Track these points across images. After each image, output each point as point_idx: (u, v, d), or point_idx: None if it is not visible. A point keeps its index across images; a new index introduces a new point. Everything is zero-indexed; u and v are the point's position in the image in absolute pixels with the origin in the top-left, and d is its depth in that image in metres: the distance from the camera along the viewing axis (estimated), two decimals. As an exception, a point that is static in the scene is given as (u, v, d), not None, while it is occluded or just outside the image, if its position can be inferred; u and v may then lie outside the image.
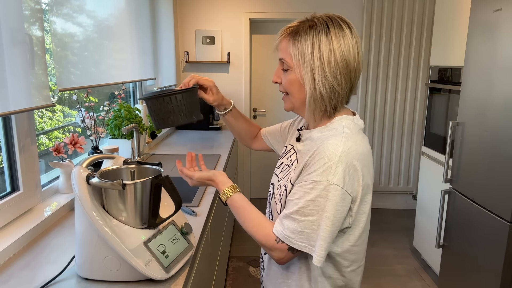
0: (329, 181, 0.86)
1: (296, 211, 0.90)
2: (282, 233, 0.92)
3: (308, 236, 0.89)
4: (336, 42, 0.90)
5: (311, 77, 0.91)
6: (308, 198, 0.88)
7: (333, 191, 0.86)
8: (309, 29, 0.92)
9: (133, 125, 1.88)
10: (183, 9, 3.78)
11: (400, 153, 4.06)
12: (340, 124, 0.95)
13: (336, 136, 0.92)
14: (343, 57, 0.90)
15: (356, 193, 0.90)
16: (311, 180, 0.89)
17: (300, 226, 0.89)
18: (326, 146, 0.89)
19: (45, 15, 1.47)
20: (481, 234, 2.01)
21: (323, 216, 0.87)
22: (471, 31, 2.14)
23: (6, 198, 1.31)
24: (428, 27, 3.74)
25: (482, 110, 2.02)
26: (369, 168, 0.95)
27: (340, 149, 0.88)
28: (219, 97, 1.19)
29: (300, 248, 0.90)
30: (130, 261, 0.96)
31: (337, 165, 0.87)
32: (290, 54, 0.94)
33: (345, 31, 0.92)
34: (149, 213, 1.04)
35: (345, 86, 0.93)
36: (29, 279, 1.04)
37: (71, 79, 1.63)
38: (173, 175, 2.06)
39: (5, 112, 1.15)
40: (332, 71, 0.90)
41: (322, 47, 0.90)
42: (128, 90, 2.86)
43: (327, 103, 0.94)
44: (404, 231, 3.60)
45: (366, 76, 3.89)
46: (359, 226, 0.96)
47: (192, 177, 1.09)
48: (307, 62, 0.91)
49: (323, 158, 0.88)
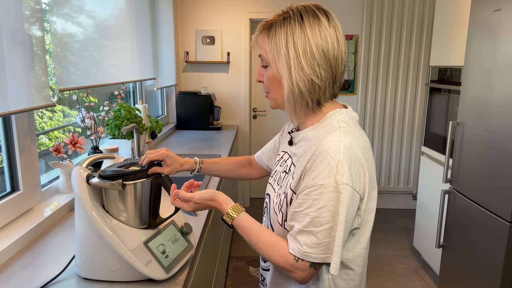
0: (338, 181, 0.80)
1: (310, 222, 0.82)
2: (300, 251, 0.83)
3: (328, 245, 0.82)
4: (311, 31, 0.85)
5: (288, 70, 0.86)
6: (318, 205, 0.81)
7: (343, 192, 0.80)
8: (283, 21, 0.87)
9: (133, 125, 1.88)
10: (183, 9, 3.78)
11: (400, 153, 4.06)
12: (334, 119, 0.90)
13: (333, 132, 0.86)
14: (319, 47, 0.85)
15: (363, 189, 0.85)
16: (318, 184, 0.81)
17: (318, 238, 0.82)
18: (327, 144, 0.83)
19: (45, 15, 1.47)
20: (481, 234, 2.01)
21: (337, 220, 0.81)
22: (471, 31, 2.14)
23: (6, 198, 1.31)
24: (428, 27, 3.74)
25: (482, 110, 2.02)
26: (372, 161, 0.89)
27: (342, 145, 0.82)
28: (175, 166, 1.14)
29: (323, 260, 0.83)
30: (130, 261, 0.96)
31: (342, 162, 0.81)
32: (266, 50, 0.90)
33: (321, 19, 0.86)
34: (149, 213, 1.04)
35: (326, 78, 0.87)
36: (29, 279, 1.04)
37: (71, 79, 1.63)
38: (173, 175, 2.06)
39: (5, 112, 1.15)
40: (308, 63, 0.85)
41: (296, 38, 0.85)
42: (128, 90, 2.86)
43: (307, 97, 0.88)
44: (404, 231, 3.60)
45: (366, 76, 3.89)
46: (368, 225, 0.90)
47: (192, 198, 0.97)
48: (282, 55, 0.86)
49: (326, 158, 0.82)
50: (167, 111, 3.74)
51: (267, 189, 1.06)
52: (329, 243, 0.82)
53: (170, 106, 3.75)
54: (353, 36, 3.83)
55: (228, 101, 3.96)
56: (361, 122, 3.98)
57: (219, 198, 0.96)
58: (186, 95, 3.53)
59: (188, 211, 0.99)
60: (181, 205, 0.99)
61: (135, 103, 2.93)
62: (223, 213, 0.95)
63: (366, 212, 0.88)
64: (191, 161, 1.22)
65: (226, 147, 2.82)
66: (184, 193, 0.98)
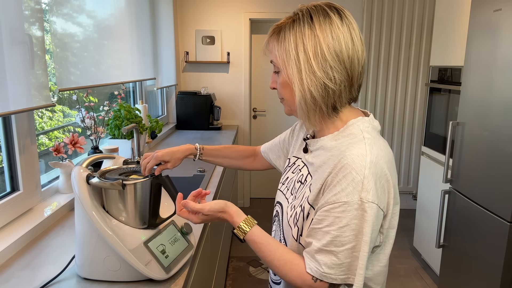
0: (363, 199, 0.75)
1: (330, 242, 0.77)
2: (319, 271, 0.78)
3: (350, 266, 0.77)
4: (321, 32, 0.79)
5: (298, 75, 0.81)
6: (341, 224, 0.76)
7: (369, 210, 0.75)
8: (292, 24, 0.82)
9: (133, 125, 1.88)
10: (183, 9, 3.78)
11: (400, 153, 4.06)
12: (357, 128, 0.83)
13: (357, 144, 0.80)
14: (331, 48, 0.79)
15: (387, 206, 0.80)
16: (341, 201, 0.76)
17: (338, 259, 0.77)
18: (351, 157, 0.77)
19: (45, 15, 1.47)
20: (481, 234, 2.01)
21: (362, 240, 0.75)
22: (471, 31, 2.14)
23: (6, 198, 1.31)
24: (428, 27, 3.74)
25: (482, 110, 2.02)
26: (396, 175, 0.83)
27: (368, 160, 0.76)
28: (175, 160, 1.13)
29: (343, 281, 0.78)
30: (130, 261, 0.96)
31: (368, 178, 0.75)
32: (276, 55, 0.85)
33: (332, 18, 0.81)
34: (149, 213, 1.04)
35: (340, 81, 0.81)
36: (29, 279, 1.04)
37: (71, 79, 1.63)
38: (173, 175, 2.06)
39: (5, 112, 1.15)
40: (320, 65, 0.79)
41: (306, 40, 0.80)
42: (128, 90, 2.86)
43: (321, 103, 0.82)
44: (404, 231, 3.60)
45: (366, 76, 3.89)
46: (389, 242, 0.84)
47: (202, 210, 0.90)
48: (291, 59, 0.81)
49: (350, 173, 0.76)
50: (167, 111, 3.74)
51: (278, 196, 1.01)
52: (350, 264, 0.77)
53: (170, 106, 3.75)
54: (353, 36, 3.82)
55: (228, 101, 3.96)
56: (361, 122, 3.98)
57: (231, 209, 0.90)
58: (186, 95, 3.53)
59: (196, 223, 0.93)
60: (188, 216, 0.93)
61: (135, 103, 2.93)
62: (234, 226, 0.89)
63: (389, 229, 0.83)
64: (191, 147, 1.18)
65: (226, 147, 2.81)
66: (193, 205, 0.91)
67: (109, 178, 1.01)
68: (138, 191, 1.01)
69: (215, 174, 2.09)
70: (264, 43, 0.90)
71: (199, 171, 2.11)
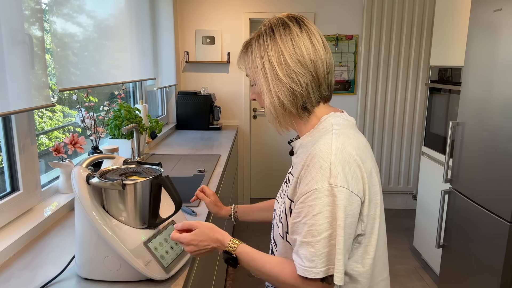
0: (331, 184, 0.77)
1: (308, 232, 0.79)
2: (302, 267, 0.79)
3: (329, 255, 0.78)
4: (282, 42, 0.87)
5: (266, 84, 0.89)
6: (314, 212, 0.78)
7: (339, 195, 0.77)
8: (257, 38, 0.91)
9: (133, 125, 1.88)
10: (183, 9, 3.78)
11: (400, 153, 4.06)
12: (328, 123, 0.89)
13: (326, 135, 0.85)
14: (293, 56, 0.86)
15: (363, 192, 0.81)
16: (312, 189, 0.79)
17: (316, 250, 0.78)
18: (318, 147, 0.82)
19: (45, 15, 1.47)
20: (481, 234, 2.01)
21: (335, 226, 0.77)
22: (471, 31, 2.14)
23: (6, 198, 1.31)
24: (428, 27, 3.74)
25: (482, 110, 2.02)
26: (372, 163, 0.86)
27: (333, 146, 0.81)
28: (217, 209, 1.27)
29: (326, 273, 0.78)
30: (130, 261, 0.96)
31: (335, 164, 0.78)
32: (248, 68, 0.94)
33: (292, 28, 0.88)
34: (149, 213, 1.04)
35: (306, 84, 0.87)
36: (29, 279, 1.04)
37: (71, 79, 1.63)
38: (173, 175, 2.06)
39: (5, 112, 1.15)
40: (284, 72, 0.86)
41: (270, 51, 0.88)
42: (128, 90, 2.86)
43: (290, 106, 0.88)
44: (404, 231, 3.60)
45: (366, 76, 3.89)
46: (374, 233, 0.85)
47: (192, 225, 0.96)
48: (259, 70, 0.89)
49: (318, 162, 0.80)
50: (167, 111, 3.74)
51: (275, 205, 1.04)
52: (329, 254, 0.78)
53: (170, 106, 3.75)
54: (353, 36, 3.83)
55: (228, 101, 3.96)
56: (361, 122, 3.98)
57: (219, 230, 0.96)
58: (186, 95, 3.53)
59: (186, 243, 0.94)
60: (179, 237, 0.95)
61: (135, 103, 2.93)
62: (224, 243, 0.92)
63: (370, 218, 0.84)
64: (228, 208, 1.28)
65: (226, 147, 2.82)
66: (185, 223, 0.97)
67: (109, 178, 1.01)
68: (138, 191, 1.01)
69: (215, 174, 2.09)
70: (237, 60, 0.98)
71: (199, 171, 2.11)
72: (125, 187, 0.99)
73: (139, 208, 1.02)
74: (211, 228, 0.95)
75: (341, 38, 3.81)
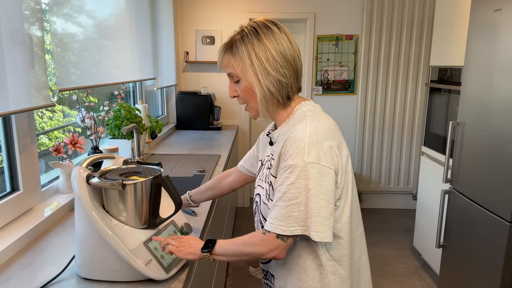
0: (305, 161, 0.91)
1: (280, 197, 0.93)
2: (270, 225, 0.94)
3: (297, 218, 0.92)
4: (267, 40, 0.99)
5: (256, 78, 0.99)
6: (288, 182, 0.92)
7: (311, 169, 0.91)
8: (241, 39, 1.01)
9: (133, 125, 1.88)
10: (183, 9, 3.78)
11: (400, 153, 4.05)
12: (301, 111, 1.03)
13: (301, 121, 0.98)
14: (278, 51, 0.99)
15: (336, 165, 0.95)
16: (289, 165, 0.93)
17: (286, 212, 0.92)
18: (295, 131, 0.96)
19: (45, 15, 1.47)
20: (481, 234, 2.01)
21: (308, 194, 0.91)
22: (471, 31, 2.14)
23: (6, 198, 1.31)
24: (428, 27, 3.74)
25: (482, 110, 2.02)
26: (340, 140, 1.00)
27: (308, 130, 0.95)
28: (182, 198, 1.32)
29: (292, 233, 0.92)
30: (130, 261, 0.96)
31: (309, 144, 0.93)
32: (234, 66, 1.02)
33: (273, 29, 1.00)
34: (149, 213, 1.04)
35: (289, 75, 1.01)
36: (29, 279, 1.04)
37: (71, 79, 1.63)
38: (173, 175, 2.06)
39: (5, 112, 1.15)
40: (272, 66, 0.98)
41: (257, 49, 0.98)
42: (128, 90, 2.86)
43: (278, 95, 1.01)
44: (404, 231, 3.60)
45: (366, 76, 3.89)
46: (348, 195, 1.00)
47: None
48: (248, 66, 0.99)
49: (295, 143, 0.94)
50: (167, 111, 3.74)
51: (256, 190, 1.14)
52: (298, 216, 0.92)
53: (170, 106, 3.75)
54: (353, 36, 3.82)
55: (228, 101, 3.96)
56: (361, 122, 3.98)
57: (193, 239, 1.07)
58: (186, 95, 3.53)
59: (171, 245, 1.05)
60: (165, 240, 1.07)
61: (135, 103, 2.93)
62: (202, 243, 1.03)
63: (344, 184, 0.98)
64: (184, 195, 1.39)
65: (226, 147, 2.82)
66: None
67: (109, 178, 1.02)
68: (138, 191, 1.01)
69: (215, 174, 2.09)
70: (219, 59, 1.06)
71: (199, 171, 2.11)
72: (125, 187, 0.99)
73: (139, 208, 1.02)
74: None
75: (341, 38, 3.81)
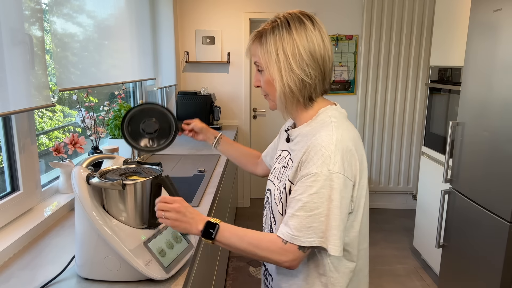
0: (330, 170, 0.87)
1: (301, 207, 0.88)
2: (289, 235, 0.89)
3: (317, 229, 0.87)
4: (298, 36, 0.94)
5: (279, 73, 0.95)
6: (311, 191, 0.88)
7: (336, 180, 0.87)
8: (272, 29, 0.96)
9: (133, 125, 1.88)
10: (183, 9, 3.78)
11: (400, 153, 4.05)
12: (326, 115, 0.98)
13: (326, 127, 0.94)
14: (306, 49, 0.94)
15: (355, 177, 0.92)
16: (312, 173, 0.88)
17: (307, 222, 0.88)
18: (320, 137, 0.91)
19: (45, 15, 1.47)
20: (481, 234, 2.01)
21: (331, 206, 0.87)
22: (471, 31, 2.14)
23: (6, 198, 1.31)
24: (428, 27, 3.74)
25: (482, 110, 2.02)
26: (362, 152, 0.97)
27: (335, 138, 0.91)
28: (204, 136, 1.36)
29: (310, 244, 0.88)
30: (130, 261, 0.96)
31: (335, 153, 0.89)
32: (259, 56, 0.98)
33: (306, 24, 0.96)
34: (149, 213, 1.04)
35: (315, 76, 0.96)
36: (29, 279, 1.04)
37: (71, 79, 1.63)
38: (173, 175, 2.06)
39: (5, 112, 1.15)
40: (298, 64, 0.94)
41: (285, 43, 0.94)
42: (128, 90, 2.86)
43: (298, 95, 0.97)
44: (404, 231, 3.60)
45: (366, 76, 3.89)
46: (360, 211, 0.96)
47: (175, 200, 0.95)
48: (273, 60, 0.95)
49: (320, 150, 0.89)
50: (167, 111, 3.73)
51: (268, 185, 1.12)
52: (318, 227, 0.87)
53: (170, 106, 3.75)
54: (353, 36, 3.82)
55: (228, 101, 3.96)
56: (361, 122, 3.98)
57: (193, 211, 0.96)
58: (186, 95, 3.53)
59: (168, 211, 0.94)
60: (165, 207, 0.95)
61: (135, 103, 2.93)
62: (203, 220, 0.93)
63: (358, 198, 0.95)
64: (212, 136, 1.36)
65: (226, 147, 2.81)
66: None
67: (109, 178, 1.02)
68: (138, 191, 1.01)
69: (215, 174, 2.09)
70: (247, 46, 1.04)
71: (199, 171, 2.11)
72: (125, 187, 0.99)
73: (139, 208, 1.02)
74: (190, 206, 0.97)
75: (341, 38, 3.81)
